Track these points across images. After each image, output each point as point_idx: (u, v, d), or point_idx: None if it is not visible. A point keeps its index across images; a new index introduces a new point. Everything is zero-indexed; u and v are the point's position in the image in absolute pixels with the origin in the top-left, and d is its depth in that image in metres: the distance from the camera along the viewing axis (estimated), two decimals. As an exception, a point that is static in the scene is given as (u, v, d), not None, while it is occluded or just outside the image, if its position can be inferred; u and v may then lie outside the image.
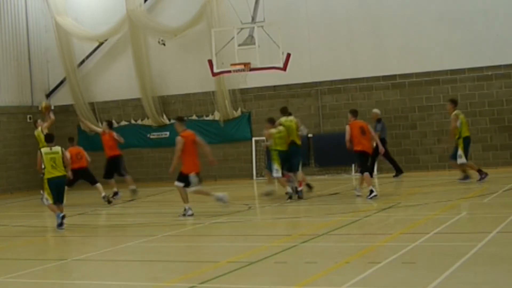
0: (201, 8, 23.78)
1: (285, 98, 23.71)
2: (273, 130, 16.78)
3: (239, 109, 24.24)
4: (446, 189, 17.27)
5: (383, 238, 10.84)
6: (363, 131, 16.15)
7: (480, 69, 21.54)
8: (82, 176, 19.21)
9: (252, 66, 19.03)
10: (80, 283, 9.17)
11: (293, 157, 16.76)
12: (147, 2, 25.13)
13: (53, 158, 14.31)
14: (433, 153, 21.77)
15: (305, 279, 8.30)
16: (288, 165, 16.81)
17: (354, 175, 21.79)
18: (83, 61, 26.21)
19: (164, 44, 24.48)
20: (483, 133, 21.56)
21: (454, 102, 18.52)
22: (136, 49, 25.03)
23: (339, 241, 11.06)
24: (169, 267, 9.98)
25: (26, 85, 25.99)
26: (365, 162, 16.35)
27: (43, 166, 14.30)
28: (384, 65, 22.40)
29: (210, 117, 24.62)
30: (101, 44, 25.82)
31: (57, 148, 14.56)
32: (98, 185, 19.08)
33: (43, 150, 14.46)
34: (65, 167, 14.50)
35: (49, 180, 14.29)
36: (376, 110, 21.19)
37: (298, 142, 16.93)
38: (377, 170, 22.20)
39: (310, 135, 23.11)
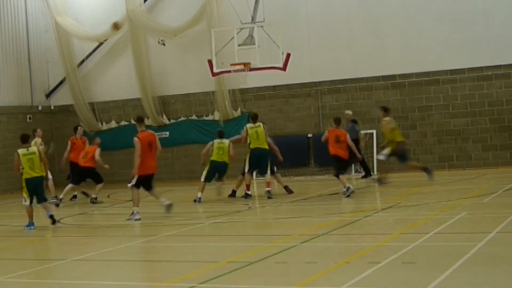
0: (201, 8, 23.76)
1: (285, 98, 23.72)
2: (216, 141, 17.79)
3: (239, 109, 24.22)
4: (446, 189, 17.28)
5: (383, 238, 10.83)
6: (337, 140, 17.17)
7: (480, 69, 21.53)
8: (89, 175, 19.41)
9: (252, 66, 19.06)
10: (80, 283, 9.16)
11: (261, 161, 17.66)
12: (147, 2, 25.11)
13: (30, 159, 14.36)
14: (433, 153, 21.75)
15: (305, 279, 8.30)
16: (258, 169, 18.23)
17: (354, 175, 21.80)
18: (83, 61, 26.19)
19: (164, 44, 24.44)
20: (483, 133, 21.56)
21: (385, 110, 18.99)
22: (136, 49, 25.02)
23: (339, 241, 11.06)
24: (169, 267, 9.98)
25: (26, 85, 25.97)
26: (340, 166, 17.18)
27: (21, 167, 14.33)
28: (384, 65, 22.40)
29: (210, 117, 24.61)
30: (101, 44, 25.80)
31: (34, 149, 14.67)
32: (99, 185, 19.23)
33: (20, 151, 14.44)
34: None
35: (27, 180, 14.39)
36: (348, 111, 21.27)
37: (266, 147, 17.69)
38: (377, 170, 22.22)
39: (310, 135, 23.16)
